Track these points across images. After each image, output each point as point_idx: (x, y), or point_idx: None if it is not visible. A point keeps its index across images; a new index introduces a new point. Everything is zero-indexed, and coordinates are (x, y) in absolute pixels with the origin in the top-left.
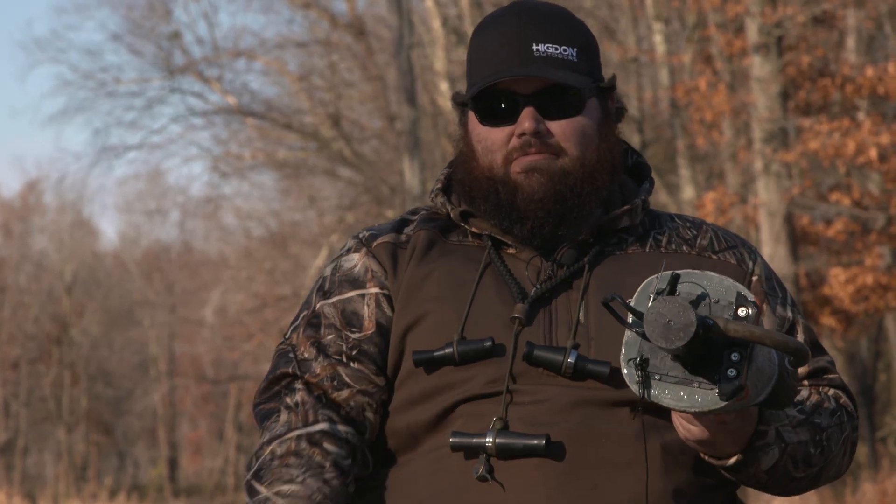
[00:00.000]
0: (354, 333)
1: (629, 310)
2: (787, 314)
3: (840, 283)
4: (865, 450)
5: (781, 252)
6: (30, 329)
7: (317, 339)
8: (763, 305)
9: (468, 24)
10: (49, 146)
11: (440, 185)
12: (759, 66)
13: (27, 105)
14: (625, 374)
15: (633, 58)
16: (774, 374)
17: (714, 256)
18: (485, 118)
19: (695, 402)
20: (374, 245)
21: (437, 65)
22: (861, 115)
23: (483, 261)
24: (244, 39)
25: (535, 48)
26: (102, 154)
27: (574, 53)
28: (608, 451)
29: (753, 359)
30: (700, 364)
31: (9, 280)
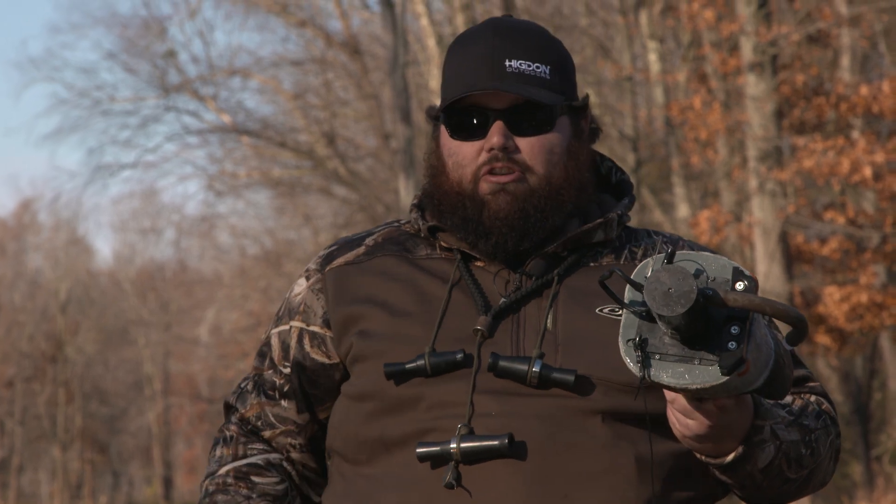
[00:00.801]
0: (286, 368)
1: (628, 281)
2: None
3: (835, 302)
4: (860, 468)
5: (776, 270)
6: (24, 347)
7: (259, 373)
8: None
9: None
10: (44, 165)
11: (416, 201)
12: (754, 85)
13: (22, 124)
14: (623, 354)
15: (628, 76)
16: (771, 358)
17: None
18: (455, 132)
19: (696, 379)
20: (328, 270)
21: (433, 83)
22: (855, 134)
23: (452, 275)
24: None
25: (508, 64)
26: (97, 172)
27: (547, 71)
28: (578, 461)
29: (752, 333)
30: (699, 340)
31: (3, 298)
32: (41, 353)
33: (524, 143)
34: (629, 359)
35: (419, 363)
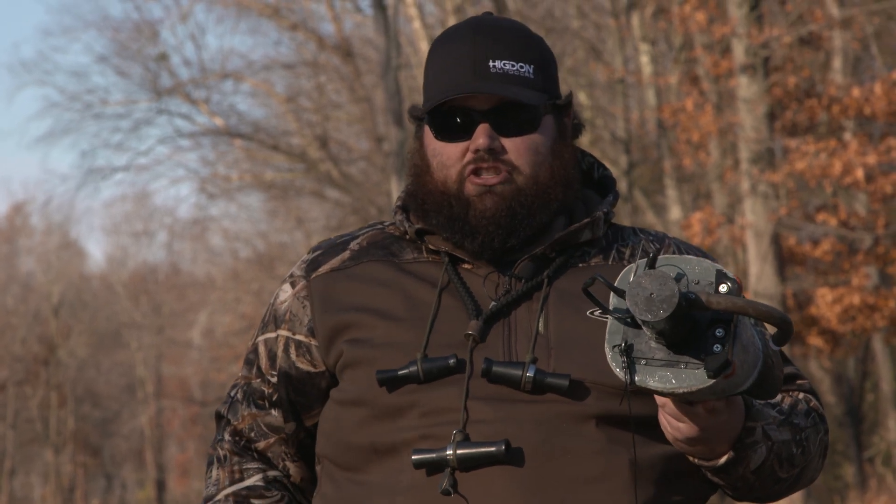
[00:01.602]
0: (273, 378)
1: (611, 288)
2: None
3: (827, 304)
4: (853, 469)
5: (768, 272)
6: (17, 350)
7: (248, 381)
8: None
9: None
10: (36, 168)
11: (399, 203)
12: (746, 87)
13: (14, 127)
14: (610, 361)
15: (620, 79)
16: (759, 359)
17: None
18: (440, 133)
19: (682, 382)
20: (313, 277)
21: None
22: (847, 136)
23: (441, 279)
24: (231, 61)
25: (492, 64)
26: (89, 176)
27: (531, 70)
28: (573, 466)
29: (738, 335)
30: (685, 344)
31: None
32: (33, 357)
33: (510, 144)
34: (615, 365)
35: (411, 369)
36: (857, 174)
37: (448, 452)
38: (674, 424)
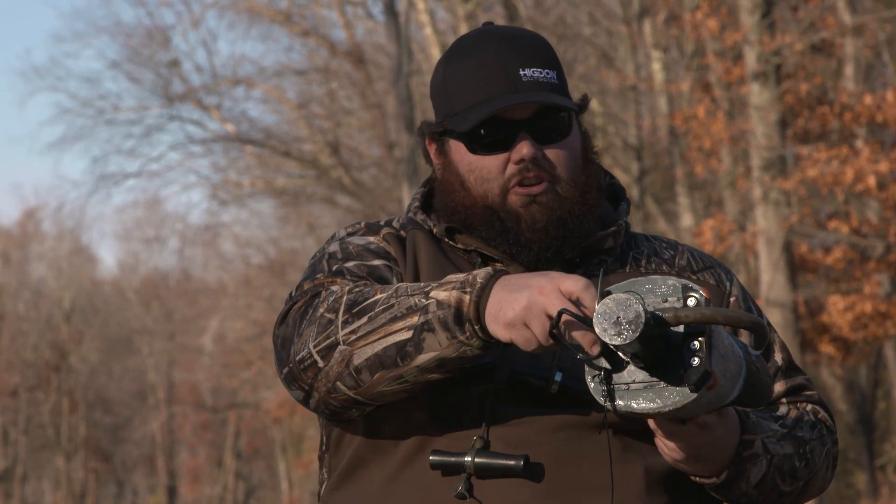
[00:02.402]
0: (353, 265)
1: (579, 319)
2: None
3: (839, 311)
4: (864, 477)
5: (780, 280)
6: (28, 356)
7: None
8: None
9: None
10: (47, 174)
11: (418, 204)
12: (758, 94)
13: (26, 133)
14: (592, 392)
15: (632, 86)
16: (742, 367)
17: (693, 276)
18: (476, 147)
19: (666, 401)
20: (383, 233)
21: None
22: (859, 143)
23: None
24: (243, 67)
25: (522, 73)
26: (101, 182)
27: (555, 75)
28: (589, 474)
29: (714, 345)
30: (662, 363)
31: (7, 308)
32: (45, 363)
33: (550, 152)
34: (597, 395)
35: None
36: (869, 181)
37: (466, 459)
38: (668, 446)
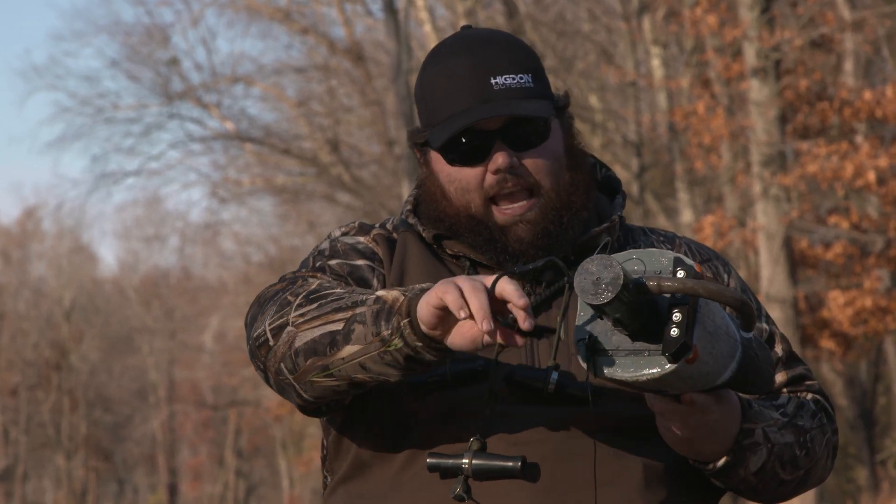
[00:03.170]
0: (341, 266)
1: (566, 273)
2: (765, 326)
3: (839, 307)
4: (865, 472)
5: (780, 275)
6: (29, 355)
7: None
8: (704, 272)
9: None
10: (47, 173)
11: (410, 207)
12: (757, 90)
13: (25, 132)
14: (577, 355)
15: (631, 82)
16: (737, 350)
17: None
18: (453, 158)
19: (643, 370)
20: (373, 234)
21: None
22: (859, 139)
23: None
24: (242, 65)
25: (493, 81)
26: (101, 180)
27: (530, 79)
28: (588, 471)
29: (699, 321)
30: (644, 332)
31: (7, 306)
32: (45, 361)
33: (528, 160)
34: (581, 359)
35: (441, 372)
36: (869, 177)
37: (464, 461)
38: (665, 424)
